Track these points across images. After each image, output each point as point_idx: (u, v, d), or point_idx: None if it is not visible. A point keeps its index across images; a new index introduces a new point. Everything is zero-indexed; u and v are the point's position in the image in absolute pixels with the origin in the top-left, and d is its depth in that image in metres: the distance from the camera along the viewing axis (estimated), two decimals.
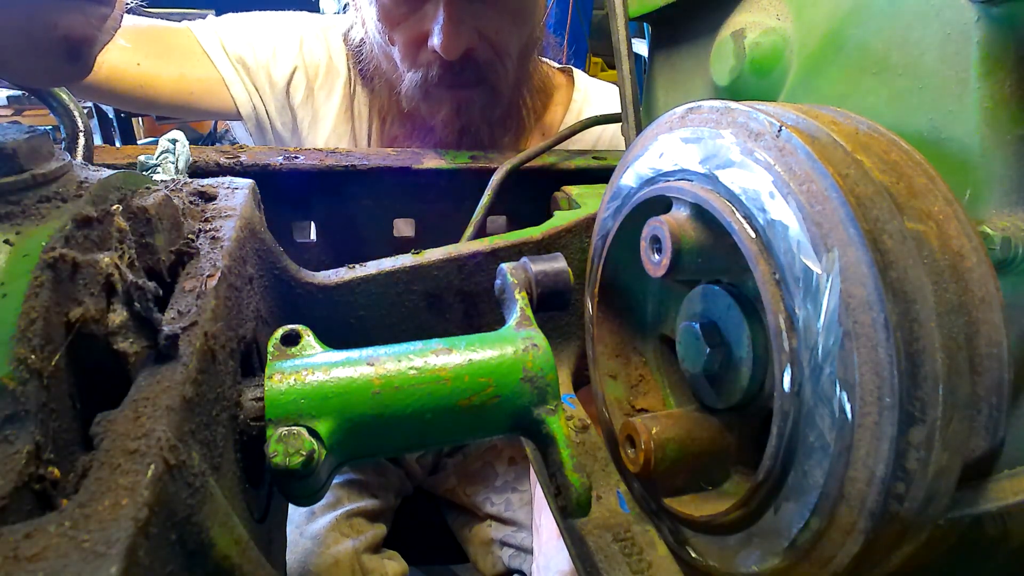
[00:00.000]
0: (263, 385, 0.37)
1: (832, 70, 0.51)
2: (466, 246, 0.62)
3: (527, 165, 0.81)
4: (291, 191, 0.79)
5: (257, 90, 1.04)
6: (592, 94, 1.17)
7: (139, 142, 2.92)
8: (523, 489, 1.07)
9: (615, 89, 1.20)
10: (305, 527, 0.96)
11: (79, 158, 0.59)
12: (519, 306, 0.44)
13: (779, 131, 0.37)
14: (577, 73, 1.20)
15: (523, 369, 0.39)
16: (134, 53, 0.92)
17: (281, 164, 0.77)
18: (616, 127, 1.09)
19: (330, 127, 1.07)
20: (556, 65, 1.22)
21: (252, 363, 0.44)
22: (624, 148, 0.69)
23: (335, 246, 0.85)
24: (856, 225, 0.32)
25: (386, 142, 1.06)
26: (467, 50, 0.89)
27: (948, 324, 0.33)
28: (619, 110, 1.13)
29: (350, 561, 0.92)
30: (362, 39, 1.01)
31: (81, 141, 0.59)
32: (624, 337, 0.56)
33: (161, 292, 0.32)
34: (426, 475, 1.17)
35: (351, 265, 0.59)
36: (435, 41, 0.87)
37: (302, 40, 1.06)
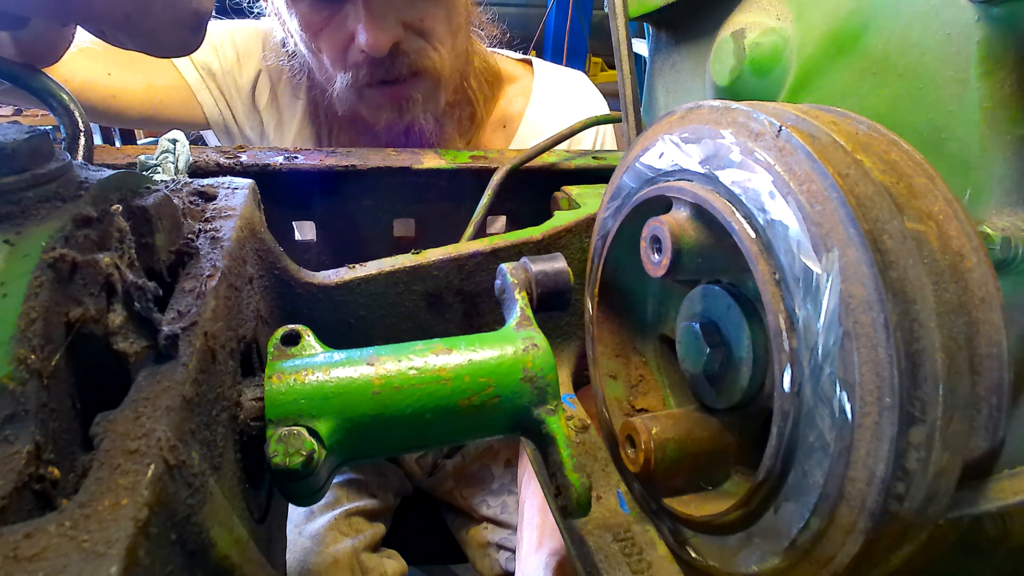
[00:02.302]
0: (263, 385, 0.37)
1: (832, 70, 0.51)
2: (466, 246, 0.62)
3: (527, 165, 0.81)
4: (291, 191, 0.79)
5: (224, 96, 1.03)
6: (554, 83, 1.15)
7: (139, 142, 2.92)
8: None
9: (576, 76, 1.19)
10: (304, 526, 0.96)
11: (79, 158, 0.59)
12: (519, 306, 0.44)
13: (779, 131, 0.37)
14: (537, 62, 1.18)
15: (523, 369, 0.39)
16: (103, 64, 0.92)
17: (281, 164, 0.77)
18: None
19: (295, 130, 1.07)
20: (516, 56, 1.20)
21: (252, 363, 0.44)
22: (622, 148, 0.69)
23: (335, 246, 0.85)
24: (856, 225, 0.32)
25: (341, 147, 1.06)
26: (394, 43, 0.87)
27: (948, 324, 0.33)
28: (580, 98, 1.13)
29: (349, 560, 0.92)
30: (293, 51, 1.00)
31: (81, 141, 0.59)
32: (624, 337, 0.56)
33: (161, 292, 0.32)
34: (425, 476, 1.17)
35: (351, 265, 0.59)
36: (360, 40, 0.86)
37: (264, 44, 1.05)
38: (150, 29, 0.42)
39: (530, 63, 1.18)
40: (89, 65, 0.90)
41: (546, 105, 1.12)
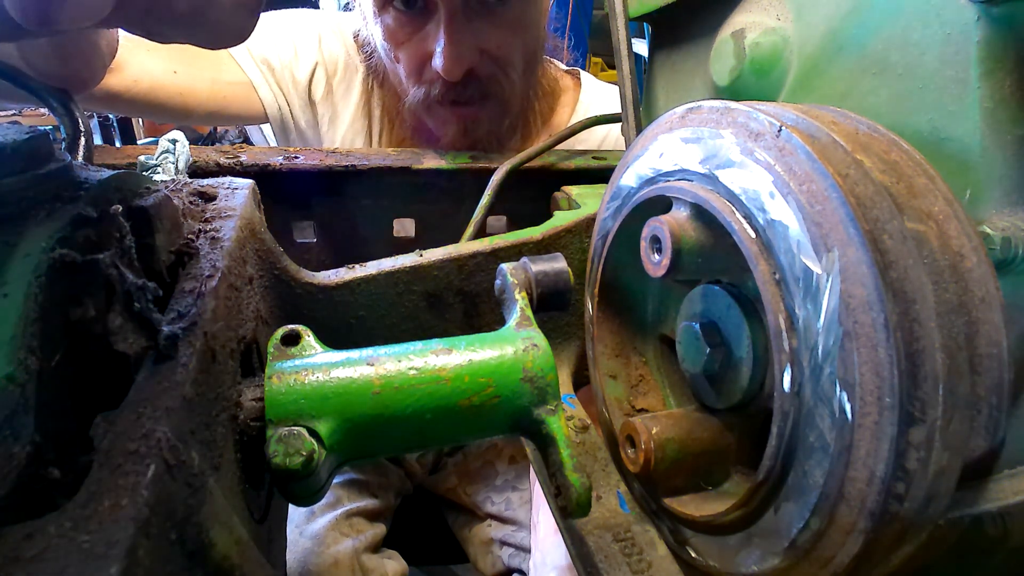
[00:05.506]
0: (263, 385, 0.37)
1: (832, 70, 0.51)
2: (466, 246, 0.62)
3: (527, 165, 0.81)
4: (291, 191, 0.79)
5: (282, 91, 1.05)
6: (599, 96, 1.18)
7: (139, 142, 2.92)
8: (523, 488, 1.07)
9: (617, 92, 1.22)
10: (305, 527, 0.97)
11: (79, 158, 0.59)
12: (519, 306, 0.44)
13: (779, 131, 0.37)
14: (584, 75, 1.21)
15: (523, 369, 0.39)
16: (168, 62, 0.92)
17: (281, 164, 0.77)
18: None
19: (348, 123, 1.08)
20: (563, 67, 1.23)
21: (252, 363, 0.44)
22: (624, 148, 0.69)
23: (335, 246, 0.85)
24: (856, 225, 0.32)
25: (394, 143, 1.08)
26: (469, 69, 0.89)
27: (948, 324, 0.33)
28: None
29: (350, 561, 0.93)
30: (372, 50, 1.03)
31: (81, 141, 0.59)
32: (624, 337, 0.56)
33: (161, 292, 0.32)
34: (426, 474, 1.17)
35: (351, 265, 0.59)
36: (437, 62, 0.87)
37: (320, 37, 1.07)
38: (216, 19, 0.39)
39: (578, 76, 1.21)
40: (157, 64, 0.90)
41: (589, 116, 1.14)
